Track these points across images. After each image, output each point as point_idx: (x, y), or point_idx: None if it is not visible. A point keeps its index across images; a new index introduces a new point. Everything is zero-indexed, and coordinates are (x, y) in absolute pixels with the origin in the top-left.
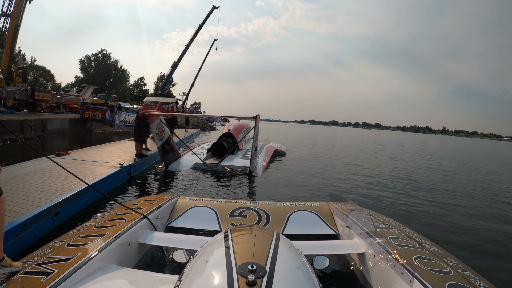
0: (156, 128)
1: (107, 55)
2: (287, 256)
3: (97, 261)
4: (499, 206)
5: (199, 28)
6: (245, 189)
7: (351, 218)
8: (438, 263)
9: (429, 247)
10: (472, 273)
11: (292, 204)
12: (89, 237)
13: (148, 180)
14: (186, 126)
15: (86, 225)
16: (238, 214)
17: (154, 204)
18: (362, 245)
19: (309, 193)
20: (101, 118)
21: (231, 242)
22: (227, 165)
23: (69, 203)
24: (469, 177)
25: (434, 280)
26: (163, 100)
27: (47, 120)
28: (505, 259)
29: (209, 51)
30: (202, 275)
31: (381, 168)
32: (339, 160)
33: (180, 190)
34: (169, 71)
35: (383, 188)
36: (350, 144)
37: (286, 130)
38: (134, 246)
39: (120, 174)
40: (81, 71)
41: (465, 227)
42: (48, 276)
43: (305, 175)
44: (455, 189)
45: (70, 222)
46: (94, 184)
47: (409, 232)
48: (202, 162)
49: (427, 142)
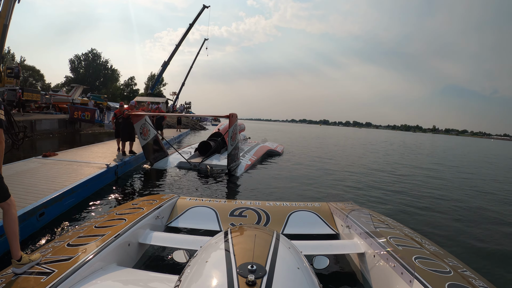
0: (140, 128)
1: (97, 54)
2: (287, 256)
3: (97, 261)
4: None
5: (190, 28)
6: (218, 187)
7: (351, 218)
8: (438, 263)
9: (429, 247)
10: (472, 273)
11: (292, 204)
12: (89, 237)
13: (135, 180)
14: (178, 126)
15: (86, 225)
16: (238, 214)
17: (154, 204)
18: (362, 245)
19: (281, 194)
20: (90, 118)
21: (231, 242)
22: (210, 164)
23: (54, 204)
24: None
25: (434, 280)
26: (152, 100)
27: (36, 120)
28: (505, 259)
29: (199, 50)
30: (202, 275)
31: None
32: (322, 163)
33: (162, 188)
34: (159, 71)
35: (372, 188)
36: (338, 144)
37: (275, 129)
38: (134, 246)
39: (107, 174)
40: (71, 71)
41: (466, 227)
42: (48, 276)
43: (284, 175)
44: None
45: (55, 223)
46: (79, 185)
47: (409, 232)
48: (186, 161)
49: (421, 141)
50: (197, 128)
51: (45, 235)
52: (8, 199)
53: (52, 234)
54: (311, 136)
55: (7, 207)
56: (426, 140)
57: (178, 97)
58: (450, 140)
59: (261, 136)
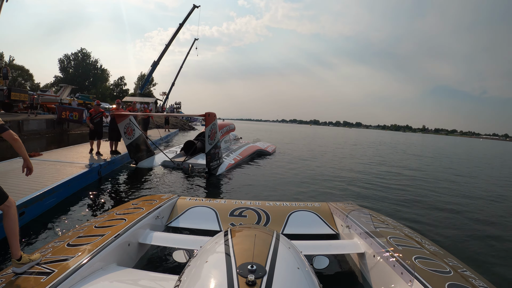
0: (124, 128)
1: (86, 54)
2: (287, 256)
3: (97, 261)
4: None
5: (180, 27)
6: (193, 185)
7: (351, 218)
8: (438, 263)
9: (429, 247)
10: (472, 273)
11: (292, 204)
12: (89, 237)
13: (117, 180)
14: (166, 126)
15: (86, 225)
16: (238, 214)
17: (154, 204)
18: (362, 245)
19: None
20: (78, 118)
21: (231, 242)
22: (192, 163)
23: (35, 203)
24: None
25: (434, 280)
26: (142, 100)
27: (23, 121)
28: (506, 258)
29: (189, 50)
30: (202, 275)
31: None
32: (305, 163)
33: (143, 187)
34: (149, 71)
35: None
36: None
37: (265, 129)
38: (134, 246)
39: (89, 174)
40: (60, 71)
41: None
42: (48, 276)
43: (267, 174)
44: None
45: (35, 222)
46: (61, 185)
47: (409, 232)
48: (170, 160)
49: (414, 140)
50: (186, 128)
51: (25, 235)
52: (6, 200)
53: (33, 233)
54: (302, 136)
55: (6, 209)
56: (417, 140)
57: (168, 97)
58: (440, 140)
59: (252, 136)
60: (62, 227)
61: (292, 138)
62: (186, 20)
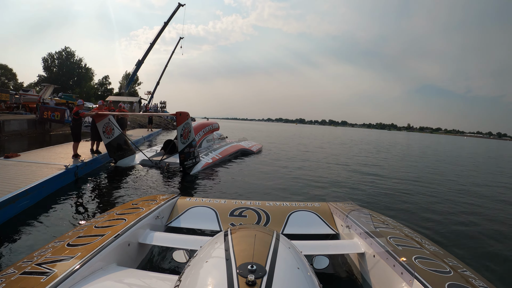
0: (103, 127)
1: (71, 53)
2: (287, 256)
3: (97, 261)
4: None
5: (164, 26)
6: (165, 183)
7: (351, 218)
8: (438, 263)
9: (429, 247)
10: (472, 273)
11: (292, 204)
12: (88, 237)
13: (94, 181)
14: (149, 126)
15: (86, 225)
16: (238, 214)
17: (154, 204)
18: (362, 245)
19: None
20: (60, 118)
21: (231, 242)
22: (168, 162)
23: (7, 206)
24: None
25: (434, 280)
26: (126, 99)
27: (4, 121)
28: (506, 258)
29: (174, 49)
30: (202, 275)
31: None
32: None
33: (120, 187)
34: (134, 70)
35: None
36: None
37: (248, 128)
38: (134, 246)
39: (65, 176)
40: (44, 70)
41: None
42: (48, 276)
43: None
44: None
45: (7, 225)
46: (35, 187)
47: (409, 232)
48: (148, 158)
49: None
50: (170, 127)
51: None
52: None
53: (4, 236)
54: (287, 135)
55: None
56: (402, 138)
57: (153, 96)
58: (426, 139)
59: (237, 135)
60: (35, 229)
61: (277, 137)
62: (171, 19)
